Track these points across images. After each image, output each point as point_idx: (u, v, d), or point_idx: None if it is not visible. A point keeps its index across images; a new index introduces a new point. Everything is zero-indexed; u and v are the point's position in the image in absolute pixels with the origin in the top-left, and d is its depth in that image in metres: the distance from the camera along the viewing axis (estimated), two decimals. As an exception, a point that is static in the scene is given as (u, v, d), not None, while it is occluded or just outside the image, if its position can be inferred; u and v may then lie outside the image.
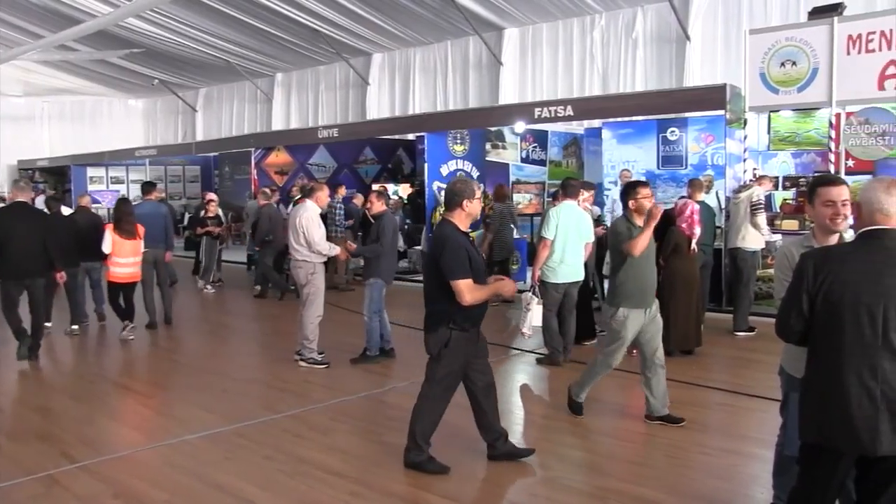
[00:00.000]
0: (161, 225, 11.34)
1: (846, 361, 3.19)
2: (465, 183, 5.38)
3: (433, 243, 5.31)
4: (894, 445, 3.15)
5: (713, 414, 7.00)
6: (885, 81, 10.22)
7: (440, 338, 5.24)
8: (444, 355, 5.27)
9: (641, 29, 16.65)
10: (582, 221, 8.49)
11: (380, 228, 8.53)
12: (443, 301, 5.19)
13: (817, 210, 3.95)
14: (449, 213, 5.32)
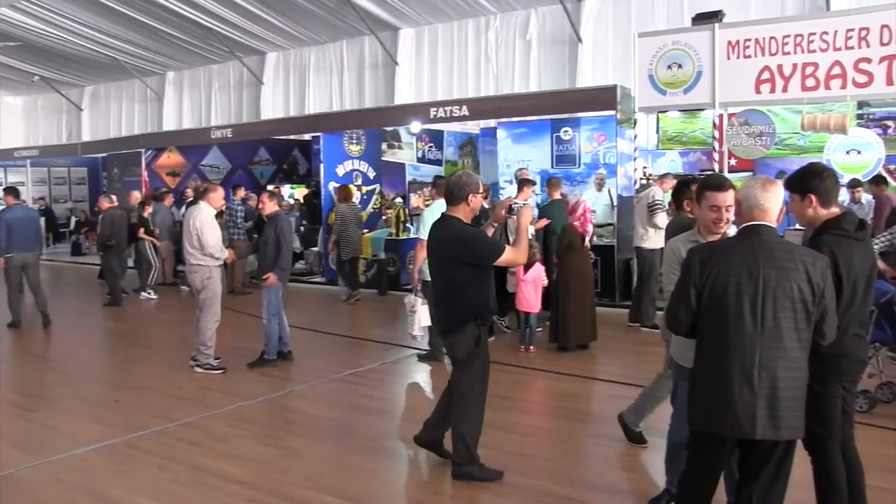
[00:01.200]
0: (34, 229, 11.25)
1: (730, 351, 3.35)
2: (470, 176, 5.21)
3: (448, 243, 5.05)
4: (768, 431, 3.33)
5: (609, 406, 7.10)
6: (761, 85, 10.76)
7: (469, 337, 5.06)
8: (475, 354, 5.11)
9: (535, 30, 16.96)
10: None
11: (277, 229, 8.38)
12: (469, 297, 5.03)
13: (703, 212, 4.14)
14: (453, 209, 5.14)
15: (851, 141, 11.06)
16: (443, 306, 5.15)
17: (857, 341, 3.93)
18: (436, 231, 5.17)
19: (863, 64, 10.25)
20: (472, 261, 4.99)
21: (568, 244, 8.72)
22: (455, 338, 5.07)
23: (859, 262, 3.85)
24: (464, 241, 4.98)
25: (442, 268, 5.12)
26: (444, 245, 5.06)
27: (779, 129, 11.29)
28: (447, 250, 5.04)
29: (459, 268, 4.99)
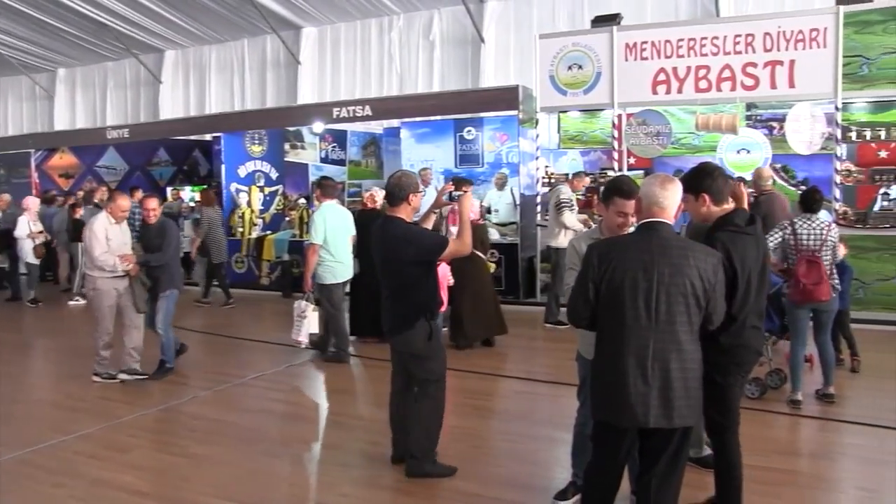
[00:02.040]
0: None
1: (626, 343, 3.46)
2: (409, 177, 5.22)
3: (393, 243, 5.03)
4: (661, 420, 3.45)
5: (515, 402, 7.26)
6: (657, 87, 11.09)
7: (422, 332, 5.08)
8: (431, 348, 5.13)
9: (438, 31, 17.06)
10: (346, 218, 8.68)
11: (164, 235, 7.96)
12: (419, 294, 5.07)
13: (610, 215, 4.26)
14: (395, 209, 5.13)
15: (741, 141, 11.50)
16: (392, 306, 5.15)
17: (754, 333, 4.12)
18: (380, 233, 5.16)
19: (750, 68, 10.69)
20: (421, 258, 5.02)
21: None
22: (408, 335, 5.09)
23: (752, 255, 4.03)
24: (411, 241, 4.99)
25: (389, 269, 5.11)
26: (391, 246, 5.04)
27: (675, 129, 11.64)
28: (395, 251, 5.02)
29: (408, 267, 5.01)
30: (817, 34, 10.40)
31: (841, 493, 5.01)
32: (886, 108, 11.34)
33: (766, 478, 5.08)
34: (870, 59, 10.16)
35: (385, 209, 9.33)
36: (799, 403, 6.66)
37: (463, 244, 5.14)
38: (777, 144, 11.44)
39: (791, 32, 10.51)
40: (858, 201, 11.21)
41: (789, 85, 10.55)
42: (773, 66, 10.61)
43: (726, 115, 11.20)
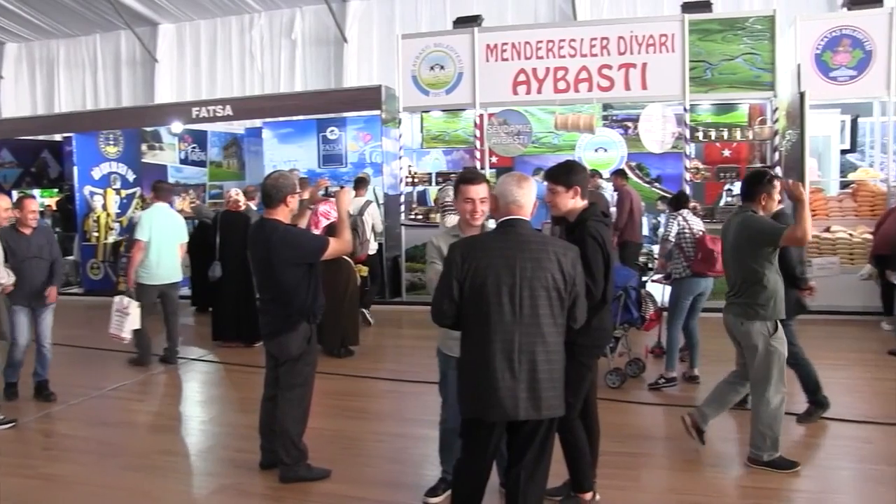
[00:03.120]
0: None
1: (492, 339, 3.49)
2: (286, 178, 5.05)
3: (273, 246, 4.86)
4: (530, 412, 3.52)
5: (384, 402, 7.23)
6: (518, 87, 11.33)
7: (302, 335, 4.97)
8: (308, 352, 5.04)
9: (301, 30, 16.82)
10: (175, 223, 8.55)
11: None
12: (301, 297, 4.92)
13: (459, 205, 4.29)
14: (272, 211, 4.96)
15: (599, 140, 11.91)
16: (272, 310, 5.00)
17: (609, 315, 4.39)
18: (256, 236, 5.01)
19: (605, 70, 11.11)
20: (301, 260, 4.90)
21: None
22: (287, 337, 4.96)
23: (610, 242, 4.25)
24: (289, 243, 4.88)
25: (268, 273, 4.95)
26: (268, 248, 4.88)
27: (535, 129, 11.93)
28: (274, 254, 4.87)
29: (288, 270, 4.88)
30: (666, 39, 10.91)
31: (693, 472, 5.21)
32: (728, 110, 12.04)
33: (625, 462, 5.29)
34: (712, 64, 10.75)
35: (249, 210, 9.26)
36: (675, 381, 7.09)
37: (343, 242, 5.10)
38: (632, 143, 11.92)
39: (643, 37, 10.99)
40: (706, 197, 11.85)
41: (642, 87, 11.03)
42: (627, 69, 11.05)
43: (584, 115, 11.56)
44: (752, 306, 5.05)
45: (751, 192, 5.21)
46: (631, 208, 10.40)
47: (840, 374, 7.72)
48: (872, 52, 10.38)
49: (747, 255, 5.05)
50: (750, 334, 5.07)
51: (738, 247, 5.11)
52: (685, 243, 7.14)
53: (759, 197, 5.16)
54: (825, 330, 9.48)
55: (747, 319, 5.06)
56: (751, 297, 5.06)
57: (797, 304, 5.97)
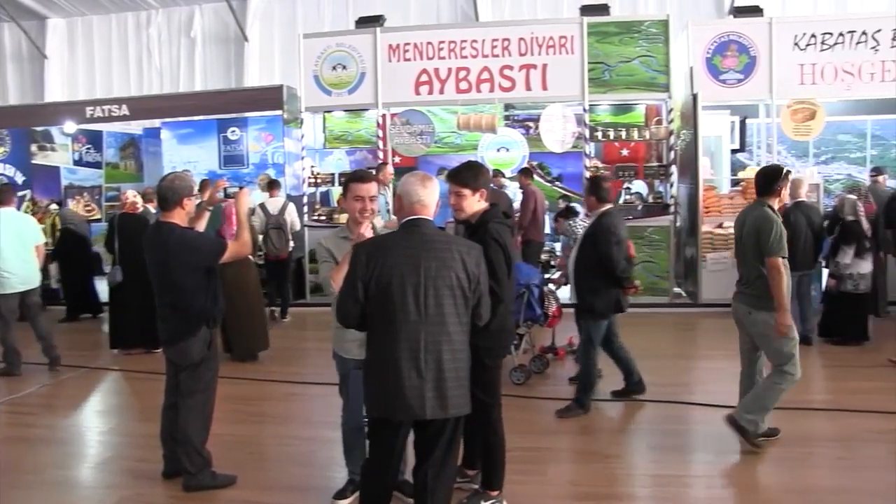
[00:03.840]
0: None
1: (398, 339, 3.50)
2: (182, 180, 4.87)
3: (170, 250, 4.70)
4: (437, 411, 3.54)
5: (289, 405, 7.12)
6: (420, 87, 11.37)
7: (202, 340, 4.85)
8: (208, 357, 4.92)
9: (200, 27, 16.46)
10: (24, 226, 8.27)
11: None
12: (199, 301, 4.78)
13: (349, 203, 4.30)
14: (168, 214, 4.79)
15: (500, 140, 12.05)
16: (171, 315, 4.85)
17: (509, 316, 4.45)
18: (153, 239, 4.84)
19: (506, 71, 11.25)
20: (199, 264, 4.78)
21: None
22: (187, 343, 4.82)
23: (511, 244, 4.33)
24: (187, 246, 4.75)
25: (166, 277, 4.79)
26: (166, 252, 4.74)
27: (437, 129, 12.00)
28: (171, 258, 4.72)
29: (187, 273, 4.75)
30: (566, 41, 11.14)
31: (596, 464, 5.36)
32: (626, 110, 12.38)
33: (531, 457, 5.38)
34: (610, 65, 11.02)
35: (147, 213, 9.01)
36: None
37: (243, 244, 5.00)
38: (533, 143, 12.11)
39: (543, 38, 11.18)
40: (606, 196, 12.09)
41: (542, 87, 11.23)
42: (528, 70, 11.22)
43: (486, 115, 11.70)
44: (761, 298, 5.29)
45: (768, 186, 5.45)
46: (535, 207, 10.57)
47: (731, 363, 7.96)
48: (756, 57, 10.86)
49: (757, 251, 5.28)
50: (757, 323, 5.34)
51: (750, 241, 5.34)
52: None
53: (776, 190, 5.42)
54: (720, 322, 9.85)
55: (755, 310, 5.33)
56: (759, 288, 5.31)
57: (617, 302, 6.28)
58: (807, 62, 10.88)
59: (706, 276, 10.76)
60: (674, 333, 9.77)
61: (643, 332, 9.27)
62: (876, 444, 5.58)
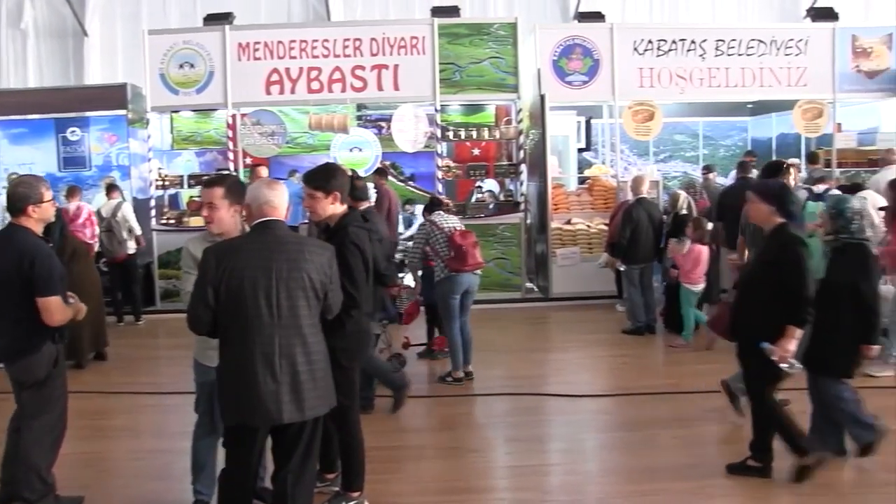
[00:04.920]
0: None
1: (252, 343, 3.46)
2: (27, 186, 4.42)
3: (14, 252, 4.28)
4: (294, 414, 3.52)
5: (143, 417, 6.83)
6: (271, 87, 11.21)
7: (47, 356, 4.44)
8: (54, 374, 4.51)
9: (31, 19, 15.43)
10: None
11: None
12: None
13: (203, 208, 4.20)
14: (17, 219, 4.38)
15: (353, 140, 12.02)
16: (13, 330, 4.41)
17: (368, 319, 4.52)
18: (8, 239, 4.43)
19: (358, 71, 11.26)
20: (33, 277, 4.37)
21: (72, 253, 7.86)
22: (31, 359, 4.41)
23: (369, 247, 4.35)
24: (26, 254, 4.32)
25: (8, 287, 4.36)
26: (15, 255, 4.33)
27: (289, 129, 11.85)
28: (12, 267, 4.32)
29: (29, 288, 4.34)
30: (417, 42, 11.26)
31: (455, 459, 5.49)
32: (476, 110, 12.66)
33: (391, 456, 5.44)
34: (461, 66, 11.24)
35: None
36: (462, 380, 7.27)
37: (64, 317, 4.59)
38: (385, 143, 12.15)
39: (395, 39, 11.26)
40: (458, 194, 12.37)
41: (394, 87, 11.31)
42: (380, 70, 11.27)
43: (338, 115, 11.68)
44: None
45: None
46: (389, 207, 10.62)
47: (582, 353, 8.46)
48: (600, 60, 11.37)
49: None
50: None
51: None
52: (438, 245, 7.25)
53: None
54: (571, 315, 10.31)
55: None
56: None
57: (381, 302, 6.60)
58: (645, 66, 11.49)
59: (556, 271, 11.15)
60: (527, 327, 10.08)
61: (497, 327, 9.55)
62: (711, 422, 6.00)
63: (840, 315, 4.93)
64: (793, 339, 4.61)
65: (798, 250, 4.66)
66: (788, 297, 4.63)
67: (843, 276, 4.97)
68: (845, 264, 5.01)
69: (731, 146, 15.83)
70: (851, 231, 5.03)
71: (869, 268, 5.00)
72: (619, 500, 4.83)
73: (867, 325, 4.94)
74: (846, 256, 5.03)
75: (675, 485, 4.93)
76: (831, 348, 4.96)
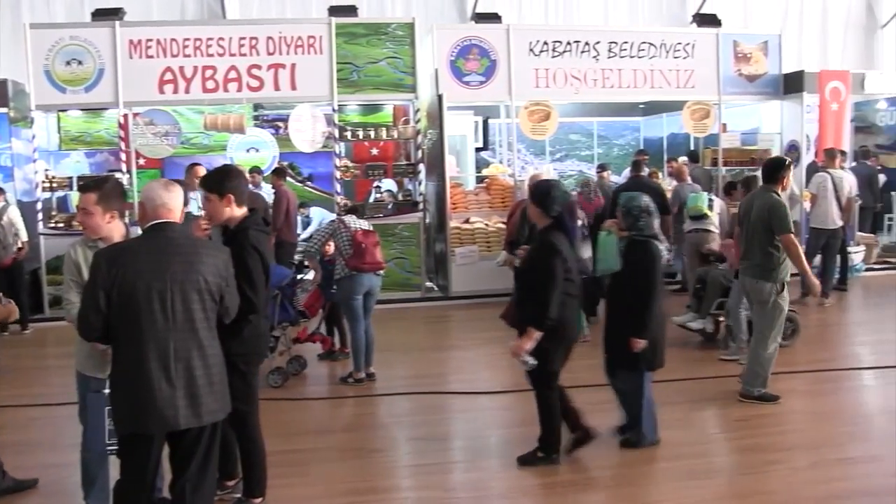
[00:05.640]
0: None
1: (146, 348, 3.39)
2: None
3: None
4: (191, 419, 3.48)
5: (32, 431, 6.55)
6: (164, 86, 10.92)
7: None
8: None
9: None
10: None
11: None
12: None
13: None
14: None
15: (250, 140, 11.89)
16: None
17: (265, 323, 4.45)
18: None
19: (255, 70, 11.10)
20: None
21: None
22: None
23: (268, 251, 4.35)
24: None
25: None
26: None
27: (184, 129, 11.57)
28: None
29: None
30: (314, 41, 11.19)
31: (358, 460, 5.52)
32: (374, 110, 12.69)
33: (294, 459, 5.42)
34: (358, 66, 11.23)
35: None
36: (363, 381, 7.29)
37: None
38: (283, 143, 12.05)
39: (292, 38, 11.16)
40: (357, 194, 12.39)
41: (291, 87, 11.20)
42: (277, 69, 11.14)
43: (234, 115, 11.50)
44: (766, 269, 6.23)
45: (774, 175, 6.42)
46: (288, 208, 10.56)
47: (482, 351, 8.60)
48: (496, 61, 11.55)
49: (767, 229, 6.20)
50: (762, 291, 6.25)
51: (760, 222, 6.23)
52: (342, 242, 7.25)
53: (781, 179, 6.42)
54: (470, 313, 10.46)
55: (762, 280, 6.23)
56: (765, 262, 6.22)
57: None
58: (541, 67, 11.74)
59: (455, 270, 11.28)
60: (427, 326, 10.19)
61: (398, 327, 9.62)
62: (607, 414, 6.19)
63: (624, 308, 5.37)
64: (530, 340, 4.90)
65: (547, 256, 4.95)
66: (536, 300, 4.91)
67: (630, 270, 5.35)
68: (632, 260, 5.37)
69: (625, 145, 16.35)
70: (640, 228, 5.39)
71: (649, 264, 5.36)
72: (522, 494, 4.98)
73: (637, 319, 5.29)
74: (633, 252, 5.38)
75: (575, 476, 5.13)
76: (620, 340, 5.37)
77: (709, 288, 8.28)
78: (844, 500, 4.71)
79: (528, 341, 4.89)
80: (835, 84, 12.59)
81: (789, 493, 4.80)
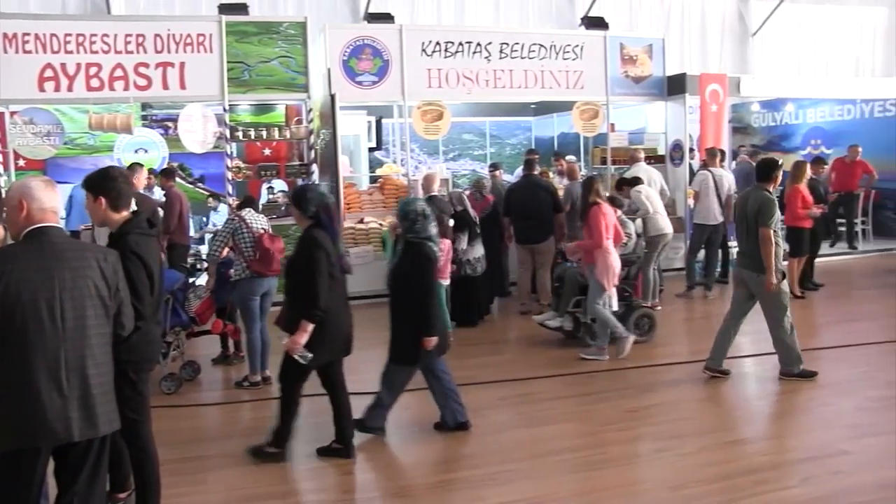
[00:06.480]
0: None
1: (34, 359, 3.25)
2: None
3: None
4: (85, 431, 3.36)
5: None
6: (45, 83, 10.49)
7: None
8: None
9: None
10: None
11: None
12: None
13: None
14: None
15: (138, 140, 11.58)
16: None
17: (157, 327, 4.33)
18: None
19: (142, 68, 10.78)
20: None
21: None
22: None
23: (156, 254, 4.21)
24: None
25: None
26: None
27: (68, 129, 11.15)
28: None
29: None
30: (204, 39, 10.97)
31: (254, 465, 5.44)
32: (266, 110, 12.58)
33: (189, 467, 5.36)
34: (250, 65, 11.08)
35: None
36: (259, 384, 7.24)
37: None
38: (173, 143, 11.79)
39: (181, 36, 10.89)
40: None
41: (181, 86, 10.93)
42: (165, 68, 10.87)
43: (121, 115, 11.15)
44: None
45: (766, 174, 6.95)
46: (181, 210, 10.31)
47: (378, 351, 8.49)
48: (389, 61, 11.61)
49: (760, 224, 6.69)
50: (763, 283, 6.68)
51: (755, 217, 6.72)
52: (243, 243, 7.18)
53: (773, 178, 6.94)
54: (366, 313, 10.38)
55: (761, 273, 6.67)
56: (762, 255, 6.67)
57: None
58: (434, 67, 11.86)
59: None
60: (323, 327, 10.13)
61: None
62: (502, 409, 6.38)
63: (401, 307, 5.71)
64: (304, 333, 5.13)
65: (311, 252, 5.21)
66: (305, 294, 5.14)
67: (406, 271, 5.68)
68: (407, 261, 5.69)
69: (517, 144, 16.72)
70: (416, 231, 5.68)
71: (423, 265, 5.65)
72: (421, 491, 5.05)
73: (422, 318, 5.63)
74: (409, 254, 5.69)
75: (473, 472, 5.25)
76: (395, 336, 5.77)
77: (566, 286, 8.53)
78: (729, 479, 4.97)
79: (303, 335, 5.10)
80: (714, 87, 13.21)
81: (679, 477, 5.05)
